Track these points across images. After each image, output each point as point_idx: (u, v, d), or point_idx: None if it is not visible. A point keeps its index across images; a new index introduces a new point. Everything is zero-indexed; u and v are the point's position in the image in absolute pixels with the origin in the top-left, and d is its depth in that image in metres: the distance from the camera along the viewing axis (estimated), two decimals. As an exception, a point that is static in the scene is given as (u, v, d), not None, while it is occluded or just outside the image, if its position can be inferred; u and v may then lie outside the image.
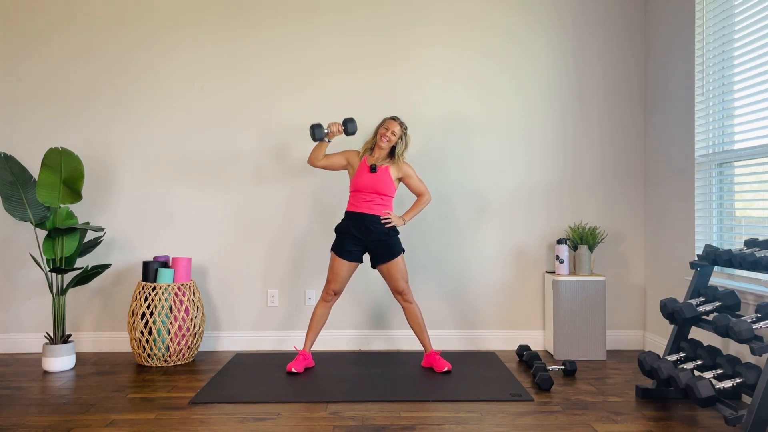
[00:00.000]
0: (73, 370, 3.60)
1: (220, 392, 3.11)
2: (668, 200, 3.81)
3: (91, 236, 3.97)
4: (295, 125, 4.07)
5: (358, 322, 4.11)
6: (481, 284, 4.12)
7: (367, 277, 4.00)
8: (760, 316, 2.58)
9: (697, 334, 3.32)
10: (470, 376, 3.40)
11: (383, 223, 3.48)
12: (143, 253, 4.05)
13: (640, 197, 4.14)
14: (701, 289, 3.05)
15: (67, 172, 3.66)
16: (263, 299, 4.10)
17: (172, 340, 3.63)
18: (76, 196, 3.69)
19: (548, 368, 3.44)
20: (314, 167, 3.59)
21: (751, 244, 2.87)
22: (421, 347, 3.80)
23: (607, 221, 4.13)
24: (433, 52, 4.11)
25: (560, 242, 3.91)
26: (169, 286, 3.67)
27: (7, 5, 4.04)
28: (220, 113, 4.08)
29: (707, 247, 3.07)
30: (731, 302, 2.82)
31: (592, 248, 3.90)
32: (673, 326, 3.21)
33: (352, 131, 3.49)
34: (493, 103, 4.12)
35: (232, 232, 4.08)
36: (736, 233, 3.30)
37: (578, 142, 4.13)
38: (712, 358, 2.83)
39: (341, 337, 4.08)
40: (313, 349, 3.79)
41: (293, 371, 3.42)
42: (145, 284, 3.69)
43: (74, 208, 3.95)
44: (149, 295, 3.65)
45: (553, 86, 4.13)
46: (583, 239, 3.90)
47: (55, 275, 3.74)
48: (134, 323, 3.65)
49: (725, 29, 3.29)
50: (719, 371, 2.72)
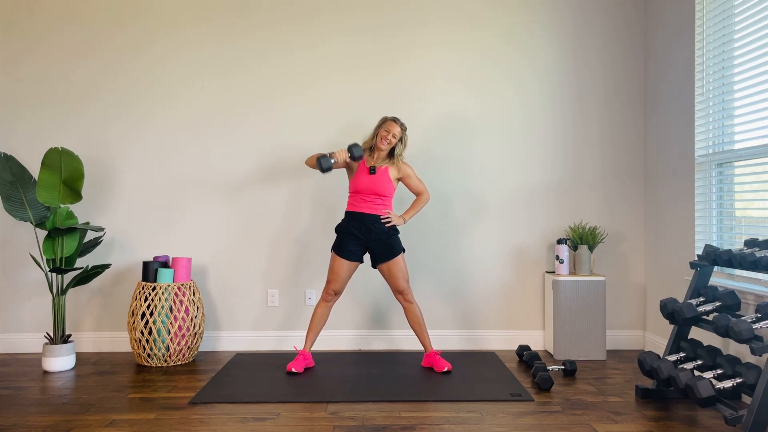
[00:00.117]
0: (73, 370, 3.60)
1: (220, 392, 3.11)
2: (668, 200, 3.81)
3: (91, 236, 3.97)
4: (295, 125, 4.07)
5: (358, 322, 4.11)
6: (481, 284, 4.12)
7: (367, 277, 4.00)
8: (760, 316, 2.58)
9: (697, 334, 3.32)
10: (470, 376, 3.40)
11: (383, 222, 3.48)
12: (143, 253, 4.05)
13: (640, 197, 4.14)
14: (701, 289, 3.06)
15: (67, 172, 3.66)
16: (263, 299, 4.10)
17: (172, 340, 3.63)
18: (76, 196, 3.69)
19: (548, 368, 3.44)
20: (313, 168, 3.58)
21: (751, 244, 2.87)
22: (421, 347, 3.81)
23: (607, 221, 4.13)
24: (433, 52, 4.11)
25: (560, 242, 3.91)
26: (169, 286, 3.67)
27: (7, 5, 4.04)
28: (220, 113, 4.08)
29: (707, 247, 3.07)
30: (731, 302, 2.82)
31: (592, 248, 3.90)
32: (673, 326, 3.21)
33: (358, 156, 3.40)
34: (493, 103, 4.12)
35: (232, 232, 4.09)
36: (736, 233, 3.30)
37: (578, 142, 4.13)
38: (712, 358, 2.83)
39: (341, 337, 4.08)
40: (313, 349, 3.79)
41: (293, 371, 3.42)
42: (145, 284, 3.69)
43: (74, 208, 3.95)
44: (149, 295, 3.65)
45: (553, 86, 4.13)
46: (583, 239, 3.90)
47: (55, 275, 3.74)
48: (134, 323, 3.65)
49: (725, 29, 3.29)
50: (719, 371, 2.72)
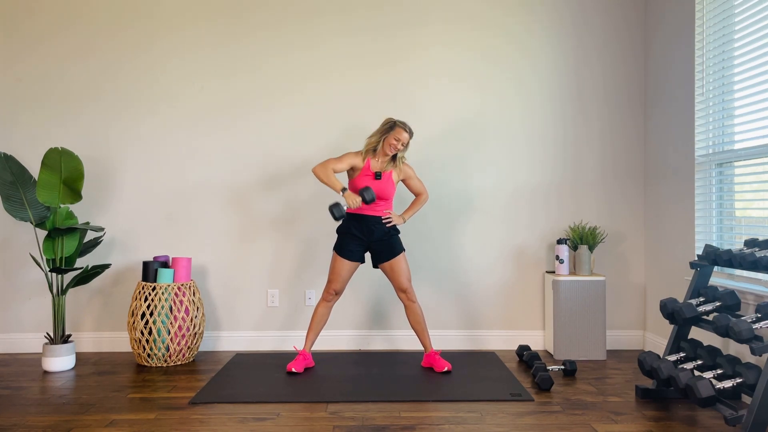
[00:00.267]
0: (73, 370, 3.60)
1: (220, 392, 3.11)
2: (668, 200, 3.81)
3: (91, 236, 3.97)
4: (295, 125, 4.08)
5: (358, 322, 4.11)
6: (481, 284, 4.12)
7: (367, 277, 4.00)
8: (760, 316, 2.58)
9: (697, 334, 3.33)
10: (470, 376, 3.40)
11: (384, 222, 3.49)
12: (143, 253, 4.05)
13: (640, 197, 4.14)
14: (701, 289, 3.05)
15: (67, 172, 3.66)
16: (263, 299, 4.10)
17: (172, 340, 3.63)
18: (76, 196, 3.69)
19: (548, 368, 3.44)
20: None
21: (751, 244, 2.87)
22: (421, 347, 3.81)
23: (607, 221, 4.13)
24: (433, 52, 4.11)
25: (560, 242, 3.91)
26: (169, 286, 3.67)
27: (7, 5, 4.04)
28: (220, 113, 4.08)
29: (707, 247, 3.07)
30: (731, 302, 2.82)
31: (592, 248, 3.90)
32: (673, 326, 3.21)
33: (370, 199, 3.36)
34: (493, 103, 4.12)
35: (232, 231, 4.08)
36: (736, 233, 3.30)
37: (578, 142, 4.13)
38: (712, 358, 2.83)
39: (341, 337, 4.08)
40: (313, 349, 3.80)
41: (293, 371, 3.42)
42: (145, 284, 3.69)
43: (74, 208, 3.96)
44: (149, 295, 3.65)
45: (553, 86, 4.13)
46: (583, 239, 3.90)
47: (55, 275, 3.74)
48: (134, 323, 3.65)
49: (725, 29, 3.29)
50: (719, 371, 2.72)
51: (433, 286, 4.10)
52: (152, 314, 3.62)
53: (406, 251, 3.61)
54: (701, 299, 3.00)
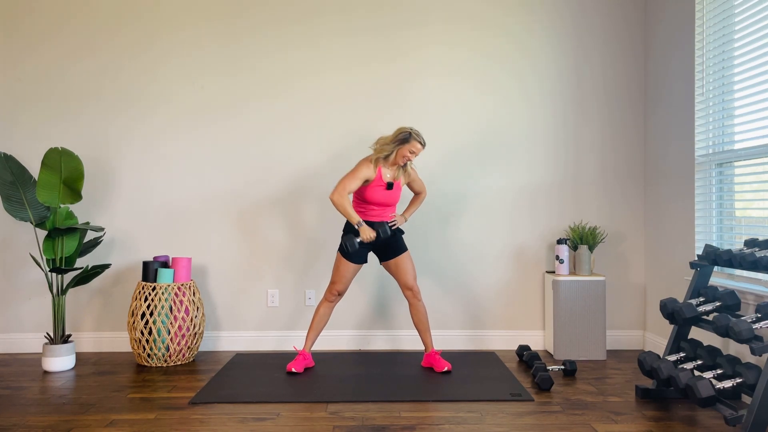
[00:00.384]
0: (73, 370, 3.60)
1: (220, 392, 3.11)
2: (668, 200, 3.81)
3: (91, 236, 3.97)
4: (295, 125, 4.07)
5: (358, 321, 4.11)
6: (481, 284, 4.12)
7: (367, 276, 4.00)
8: (760, 316, 2.58)
9: (697, 334, 3.33)
10: (470, 376, 3.40)
11: (389, 226, 3.50)
12: (143, 253, 4.05)
13: (640, 197, 4.14)
14: (701, 289, 3.05)
15: (67, 172, 3.66)
16: (263, 299, 4.10)
17: (172, 340, 3.63)
18: (76, 196, 3.69)
19: (548, 368, 3.44)
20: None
21: (751, 244, 2.87)
22: (420, 347, 3.81)
23: (607, 221, 4.13)
24: (433, 52, 4.11)
25: (560, 242, 3.91)
26: (169, 286, 3.67)
27: (7, 5, 4.04)
28: (220, 112, 4.08)
29: (707, 247, 3.07)
30: (731, 302, 2.82)
31: (592, 248, 3.90)
32: (673, 326, 3.21)
33: (384, 235, 3.38)
34: (493, 103, 4.12)
35: (232, 231, 4.08)
36: (736, 233, 3.30)
37: (578, 142, 4.13)
38: (712, 358, 2.83)
39: (341, 337, 4.08)
40: (313, 349, 3.80)
41: (293, 371, 3.42)
42: (145, 284, 3.69)
43: (74, 208, 3.96)
44: (149, 295, 3.65)
45: (553, 86, 4.13)
46: (583, 239, 3.90)
47: (55, 275, 3.74)
48: (134, 323, 3.65)
49: (725, 29, 3.29)
50: (719, 371, 2.72)
51: (433, 285, 4.09)
52: (152, 314, 3.62)
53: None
54: (701, 299, 3.00)
